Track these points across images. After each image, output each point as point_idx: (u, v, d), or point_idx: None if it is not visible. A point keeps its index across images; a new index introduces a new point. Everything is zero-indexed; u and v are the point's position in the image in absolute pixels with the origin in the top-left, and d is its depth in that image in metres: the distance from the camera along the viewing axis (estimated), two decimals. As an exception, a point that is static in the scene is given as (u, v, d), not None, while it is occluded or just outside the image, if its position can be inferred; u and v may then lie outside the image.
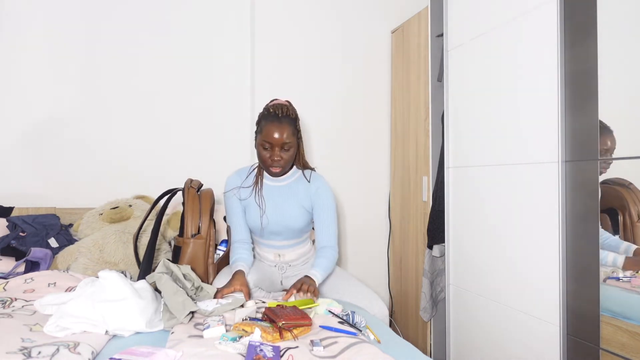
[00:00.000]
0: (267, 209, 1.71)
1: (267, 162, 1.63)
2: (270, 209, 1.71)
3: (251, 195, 1.73)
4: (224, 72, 2.42)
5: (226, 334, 1.15)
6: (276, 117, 1.61)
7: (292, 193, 1.73)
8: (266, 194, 1.73)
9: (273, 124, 1.60)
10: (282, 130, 1.59)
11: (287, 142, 1.60)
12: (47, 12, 2.18)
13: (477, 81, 1.73)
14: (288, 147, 1.62)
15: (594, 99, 1.25)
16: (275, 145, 1.60)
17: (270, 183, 1.74)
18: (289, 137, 1.60)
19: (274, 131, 1.59)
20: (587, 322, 1.29)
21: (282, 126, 1.59)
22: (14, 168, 2.16)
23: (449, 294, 1.92)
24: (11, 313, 1.27)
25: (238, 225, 1.75)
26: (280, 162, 1.62)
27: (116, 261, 1.82)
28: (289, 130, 1.61)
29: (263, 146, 1.62)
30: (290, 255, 1.79)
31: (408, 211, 2.38)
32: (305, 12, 2.45)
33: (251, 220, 1.74)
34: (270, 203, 1.72)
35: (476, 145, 1.74)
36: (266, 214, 1.71)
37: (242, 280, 1.55)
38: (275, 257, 1.79)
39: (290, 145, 1.62)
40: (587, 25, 1.27)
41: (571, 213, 1.34)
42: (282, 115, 1.61)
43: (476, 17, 1.72)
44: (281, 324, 1.18)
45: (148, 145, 2.31)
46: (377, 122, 2.60)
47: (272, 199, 1.72)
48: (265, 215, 1.71)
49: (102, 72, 2.26)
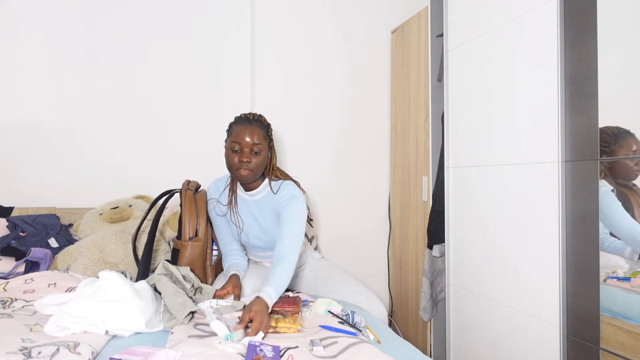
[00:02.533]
0: (245, 226, 1.69)
1: (235, 165, 1.56)
2: (248, 226, 1.69)
3: (227, 213, 1.71)
4: (224, 73, 2.42)
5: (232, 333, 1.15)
6: (247, 120, 1.59)
7: (266, 205, 1.66)
8: (242, 210, 1.69)
9: (243, 125, 1.57)
10: (252, 132, 1.55)
11: (257, 143, 1.55)
12: (48, 14, 2.18)
13: (477, 81, 1.73)
14: (258, 150, 1.56)
15: (594, 99, 1.25)
16: (245, 147, 1.55)
17: (246, 197, 1.68)
18: (259, 139, 1.56)
19: (244, 132, 1.55)
20: (587, 322, 1.29)
21: (253, 128, 1.56)
22: (14, 168, 2.16)
23: (449, 294, 1.92)
24: (11, 313, 1.27)
25: (225, 237, 1.75)
26: (250, 164, 1.55)
27: (116, 261, 1.82)
28: (260, 133, 1.57)
29: (232, 148, 1.56)
30: None
31: (408, 211, 2.38)
32: (305, 13, 2.45)
33: (233, 234, 1.75)
34: (247, 219, 1.69)
35: (476, 145, 1.74)
36: (245, 232, 1.70)
37: (236, 282, 1.56)
38: (269, 264, 1.82)
39: (261, 148, 1.56)
40: (587, 25, 1.27)
41: (571, 213, 1.34)
42: (252, 118, 1.60)
43: (476, 17, 1.72)
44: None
45: (148, 145, 2.31)
46: (377, 122, 2.59)
47: (248, 215, 1.69)
48: (244, 233, 1.71)
49: (102, 72, 2.26)
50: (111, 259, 1.82)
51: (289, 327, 1.24)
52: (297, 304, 1.35)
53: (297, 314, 1.31)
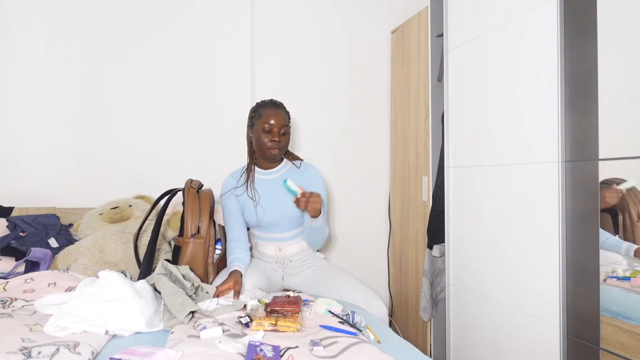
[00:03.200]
0: (261, 199, 1.78)
1: (266, 145, 1.72)
2: (264, 199, 1.78)
3: (245, 192, 1.79)
4: (224, 73, 2.42)
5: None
6: (274, 104, 1.77)
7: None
8: (259, 186, 1.80)
9: (272, 109, 1.74)
10: (281, 115, 1.73)
11: (285, 125, 1.74)
12: (48, 13, 2.18)
13: (477, 81, 1.73)
14: (285, 131, 1.75)
15: (594, 99, 1.25)
16: (275, 127, 1.71)
17: (263, 177, 1.82)
18: (286, 122, 1.75)
19: (274, 115, 1.72)
20: (587, 322, 1.29)
21: (280, 111, 1.75)
22: (14, 168, 2.16)
23: (449, 294, 1.92)
24: (11, 313, 1.27)
25: (235, 223, 1.80)
26: (280, 143, 1.73)
27: (116, 261, 1.82)
28: (285, 116, 1.76)
29: (264, 129, 1.72)
30: (291, 248, 1.81)
31: (408, 211, 2.38)
32: (305, 12, 2.45)
33: (248, 214, 1.79)
34: (263, 194, 1.78)
35: (476, 145, 1.74)
36: (260, 204, 1.77)
37: (237, 278, 1.58)
38: (276, 252, 1.81)
39: (287, 130, 1.76)
40: (587, 25, 1.27)
41: (571, 213, 1.34)
42: (279, 103, 1.78)
43: (476, 17, 1.72)
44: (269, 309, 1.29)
45: (148, 145, 2.32)
46: (377, 122, 2.60)
47: (265, 190, 1.79)
48: (259, 206, 1.77)
49: (103, 72, 2.26)
50: (111, 259, 1.82)
51: (288, 326, 1.24)
52: (297, 304, 1.35)
53: (298, 314, 1.31)
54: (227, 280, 1.56)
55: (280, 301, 1.36)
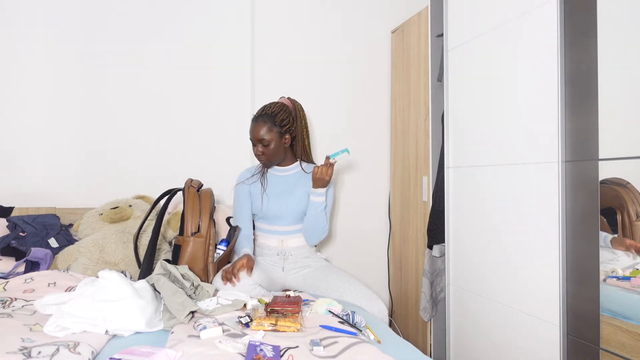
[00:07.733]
0: (269, 188, 1.89)
1: (255, 156, 1.86)
2: (272, 190, 1.89)
3: (257, 180, 1.92)
4: (225, 73, 2.42)
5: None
6: (254, 118, 1.85)
7: (295, 183, 1.90)
8: (271, 180, 1.92)
9: (252, 123, 1.84)
10: (257, 129, 1.80)
11: (263, 138, 1.79)
12: (48, 13, 2.18)
13: (477, 81, 1.73)
14: (267, 143, 1.80)
15: (594, 99, 1.25)
16: (255, 142, 1.82)
17: (276, 173, 1.94)
18: (264, 134, 1.79)
19: (253, 130, 1.82)
20: (587, 322, 1.29)
21: (257, 125, 1.81)
22: (14, 168, 2.16)
23: (449, 294, 1.92)
24: (11, 313, 1.27)
25: (242, 211, 1.90)
26: (262, 156, 1.83)
27: (116, 261, 1.82)
28: (263, 128, 1.80)
29: (252, 143, 1.85)
30: (293, 242, 1.88)
31: (408, 211, 2.38)
32: (305, 12, 2.45)
33: (255, 203, 1.89)
34: (273, 186, 1.90)
35: (476, 145, 1.74)
36: (266, 192, 1.87)
37: (250, 257, 1.67)
38: (278, 244, 1.88)
39: (268, 140, 1.80)
40: (587, 25, 1.27)
41: (571, 213, 1.34)
42: (258, 115, 1.84)
43: (476, 17, 1.72)
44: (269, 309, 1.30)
45: (148, 145, 2.32)
46: (377, 122, 2.59)
47: (275, 183, 1.91)
48: (265, 193, 1.86)
49: (103, 72, 2.26)
50: (111, 259, 1.82)
51: (289, 326, 1.24)
52: (297, 304, 1.35)
53: (298, 314, 1.31)
54: (241, 258, 1.64)
55: (281, 301, 1.36)
